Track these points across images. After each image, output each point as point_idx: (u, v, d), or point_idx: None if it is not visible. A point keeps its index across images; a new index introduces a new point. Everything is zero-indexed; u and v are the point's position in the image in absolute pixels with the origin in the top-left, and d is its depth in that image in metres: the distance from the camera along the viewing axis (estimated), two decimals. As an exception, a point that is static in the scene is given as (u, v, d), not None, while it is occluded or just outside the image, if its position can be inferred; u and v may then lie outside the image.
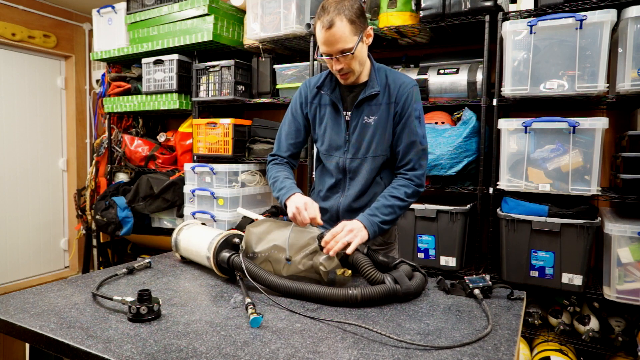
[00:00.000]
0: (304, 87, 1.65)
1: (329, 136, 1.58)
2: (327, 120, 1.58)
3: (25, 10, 3.77)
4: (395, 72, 1.55)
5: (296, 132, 1.64)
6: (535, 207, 2.06)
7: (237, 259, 1.27)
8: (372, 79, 1.51)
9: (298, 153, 1.69)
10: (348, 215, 1.53)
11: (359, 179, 1.55)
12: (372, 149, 1.52)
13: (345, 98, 1.55)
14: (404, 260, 1.30)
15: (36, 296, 1.21)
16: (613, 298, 1.93)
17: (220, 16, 2.92)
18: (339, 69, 1.44)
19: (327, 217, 1.61)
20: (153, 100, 3.25)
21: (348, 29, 1.37)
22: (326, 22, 1.36)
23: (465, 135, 2.23)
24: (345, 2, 1.37)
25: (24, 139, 3.95)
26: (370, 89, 1.50)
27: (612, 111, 2.39)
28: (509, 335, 1.00)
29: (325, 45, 1.40)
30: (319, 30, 1.39)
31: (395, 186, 1.49)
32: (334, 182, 1.60)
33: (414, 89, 1.51)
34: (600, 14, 1.88)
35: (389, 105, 1.50)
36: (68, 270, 4.35)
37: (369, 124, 1.51)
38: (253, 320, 1.02)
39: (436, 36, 2.61)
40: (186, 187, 3.03)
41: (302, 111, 1.63)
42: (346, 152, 1.55)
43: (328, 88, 1.57)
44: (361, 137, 1.52)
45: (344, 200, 1.58)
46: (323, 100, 1.59)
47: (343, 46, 1.38)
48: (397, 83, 1.51)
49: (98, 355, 0.88)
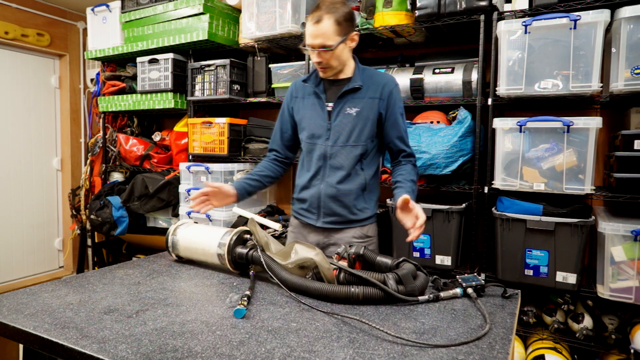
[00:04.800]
0: (292, 85, 1.83)
1: (311, 124, 1.71)
2: (310, 109, 1.72)
3: (19, 8, 3.74)
4: (378, 72, 1.71)
5: (286, 127, 1.82)
6: (530, 206, 2.07)
7: (255, 254, 1.35)
8: (356, 75, 1.66)
9: (293, 146, 1.86)
10: (328, 202, 1.67)
11: (339, 167, 1.67)
12: (352, 138, 1.64)
13: (328, 90, 1.70)
14: (406, 259, 1.31)
15: (30, 296, 1.20)
16: (606, 296, 1.95)
17: (215, 15, 2.91)
18: (317, 61, 1.59)
19: (307, 205, 1.74)
20: (148, 99, 3.24)
21: (332, 28, 1.52)
22: (315, 17, 1.52)
23: (460, 134, 2.24)
24: (337, 5, 1.53)
25: (17, 138, 3.92)
26: (353, 83, 1.64)
27: (605, 111, 2.41)
28: (503, 334, 1.01)
29: (310, 37, 1.56)
30: (308, 23, 1.55)
31: (408, 170, 1.67)
32: (314, 172, 1.71)
33: (397, 87, 1.69)
34: (594, 14, 1.90)
35: (373, 100, 1.64)
36: (62, 270, 4.32)
37: (351, 114, 1.64)
38: (237, 311, 1.08)
39: (432, 36, 2.62)
40: (182, 186, 3.02)
41: (288, 107, 1.80)
42: (327, 140, 1.67)
43: (313, 82, 1.72)
44: (342, 126, 1.65)
45: (324, 187, 1.68)
46: (307, 91, 1.74)
47: (324, 42, 1.53)
48: (380, 81, 1.66)
49: (93, 355, 0.88)
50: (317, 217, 1.72)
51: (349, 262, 1.35)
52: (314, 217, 1.73)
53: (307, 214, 1.75)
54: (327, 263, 1.24)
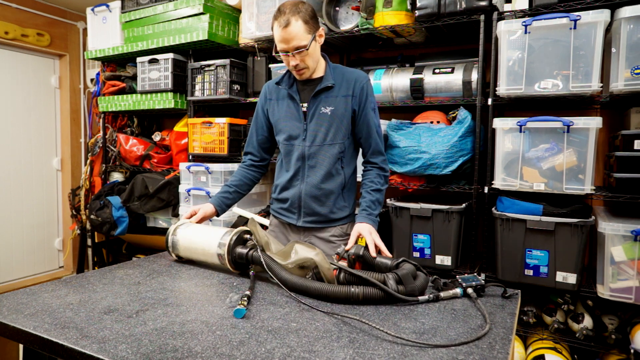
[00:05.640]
0: (265, 87, 1.82)
1: (288, 126, 1.71)
2: (285, 112, 1.72)
3: (19, 8, 3.74)
4: (349, 69, 1.72)
5: (262, 129, 1.83)
6: (530, 206, 2.07)
7: (255, 254, 1.34)
8: (328, 74, 1.67)
9: (269, 147, 1.88)
10: (309, 201, 1.69)
11: (318, 167, 1.68)
12: (329, 137, 1.66)
13: (302, 91, 1.70)
14: (406, 259, 1.31)
15: (30, 296, 1.20)
16: (606, 296, 1.95)
17: (215, 15, 2.91)
18: (294, 64, 1.59)
19: (287, 205, 1.75)
20: (148, 99, 3.24)
21: (302, 28, 1.53)
22: (283, 22, 1.52)
23: (460, 134, 2.24)
24: (299, 5, 1.54)
25: (17, 138, 3.92)
26: (326, 82, 1.65)
27: (605, 111, 2.41)
28: (503, 334, 1.00)
29: (282, 42, 1.55)
30: (277, 29, 1.54)
31: (371, 179, 1.69)
32: (293, 172, 1.72)
33: (368, 82, 1.69)
34: (594, 14, 1.90)
35: (346, 97, 1.65)
36: (62, 270, 4.32)
37: (326, 113, 1.65)
38: (237, 311, 1.07)
39: (432, 36, 2.62)
40: (181, 186, 3.02)
41: (262, 110, 1.81)
42: (304, 140, 1.68)
43: (286, 84, 1.73)
44: (318, 126, 1.66)
45: (304, 187, 1.70)
46: (281, 94, 1.74)
47: (298, 43, 1.54)
48: (352, 78, 1.67)
49: (93, 355, 0.88)
50: (297, 216, 1.74)
51: (348, 262, 1.35)
52: (294, 216, 1.75)
53: (288, 213, 1.77)
54: (327, 263, 1.24)
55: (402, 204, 2.33)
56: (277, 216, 1.84)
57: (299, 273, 1.29)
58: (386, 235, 2.38)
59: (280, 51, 1.58)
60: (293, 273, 1.27)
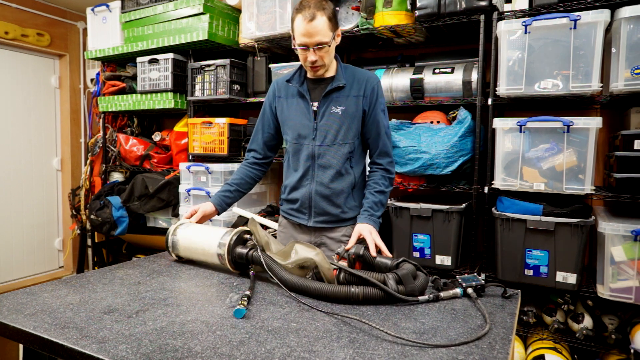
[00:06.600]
0: (274, 84, 1.80)
1: (297, 125, 1.69)
2: (295, 110, 1.70)
3: (19, 8, 3.74)
4: (360, 69, 1.71)
5: (268, 127, 1.81)
6: (530, 206, 2.07)
7: (255, 254, 1.34)
8: (339, 73, 1.66)
9: (274, 145, 1.86)
10: (320, 201, 1.68)
11: (328, 166, 1.67)
12: (339, 136, 1.65)
13: (312, 90, 1.69)
14: (405, 259, 1.31)
15: (30, 296, 1.20)
16: (606, 296, 1.95)
17: (215, 15, 2.91)
18: (312, 60, 1.57)
19: (298, 206, 1.74)
20: (148, 99, 3.24)
21: (327, 25, 1.52)
22: (308, 15, 1.50)
23: (460, 134, 2.24)
24: (323, 2, 1.53)
25: (17, 138, 3.92)
26: (337, 82, 1.64)
27: (605, 111, 2.41)
28: (503, 334, 1.00)
29: (305, 36, 1.53)
30: (300, 22, 1.52)
31: (375, 181, 1.68)
32: (303, 172, 1.71)
33: (379, 84, 1.69)
34: (594, 14, 1.90)
35: (357, 97, 1.64)
36: (62, 270, 4.32)
37: (336, 113, 1.64)
38: (237, 311, 1.07)
39: (432, 36, 2.62)
40: (182, 186, 3.02)
41: (270, 107, 1.78)
42: (314, 140, 1.66)
43: (297, 81, 1.70)
44: (328, 125, 1.65)
45: (315, 187, 1.69)
46: (290, 92, 1.72)
47: (321, 39, 1.52)
48: (363, 78, 1.66)
49: (93, 355, 0.88)
50: (308, 217, 1.73)
51: (348, 262, 1.35)
52: (304, 217, 1.74)
53: (298, 214, 1.76)
54: (327, 263, 1.24)
55: (402, 204, 2.33)
56: (287, 217, 1.82)
57: (299, 273, 1.29)
58: (386, 235, 2.38)
59: (299, 45, 1.55)
60: (293, 273, 1.27)
